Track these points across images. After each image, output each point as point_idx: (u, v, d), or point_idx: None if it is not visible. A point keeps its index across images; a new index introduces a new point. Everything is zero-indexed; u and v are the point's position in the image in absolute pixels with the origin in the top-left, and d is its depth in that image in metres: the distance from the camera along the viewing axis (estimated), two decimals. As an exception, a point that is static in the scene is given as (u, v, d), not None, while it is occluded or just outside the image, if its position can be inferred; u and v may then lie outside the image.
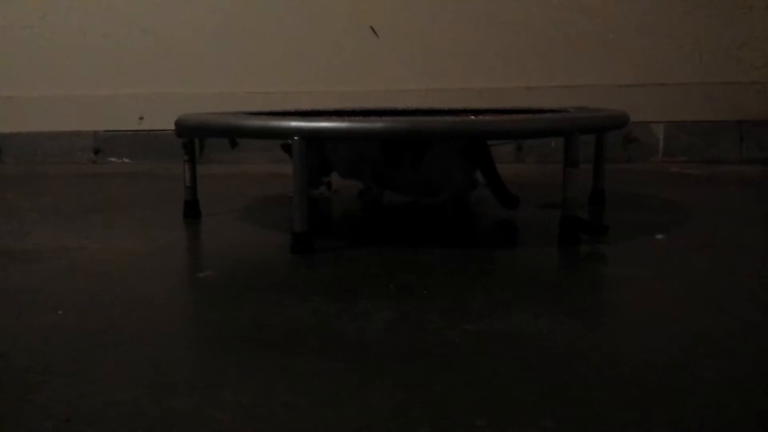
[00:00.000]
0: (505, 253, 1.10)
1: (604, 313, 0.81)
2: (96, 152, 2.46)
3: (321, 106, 1.91)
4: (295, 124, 1.08)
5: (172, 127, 1.37)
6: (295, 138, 1.07)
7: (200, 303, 0.86)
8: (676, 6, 2.27)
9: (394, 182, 1.47)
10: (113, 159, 2.46)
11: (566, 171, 1.11)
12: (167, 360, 0.68)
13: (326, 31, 2.39)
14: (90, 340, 0.73)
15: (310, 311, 0.81)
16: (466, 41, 2.34)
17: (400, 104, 2.10)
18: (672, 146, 2.31)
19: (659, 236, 1.19)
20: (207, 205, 1.44)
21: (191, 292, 0.90)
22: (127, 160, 2.45)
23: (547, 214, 1.40)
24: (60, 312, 0.82)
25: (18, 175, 2.17)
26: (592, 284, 0.93)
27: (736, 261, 1.02)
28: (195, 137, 1.33)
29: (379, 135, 1.04)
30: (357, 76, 2.39)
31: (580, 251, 1.09)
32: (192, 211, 1.40)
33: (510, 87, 2.33)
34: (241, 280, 0.96)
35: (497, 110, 1.49)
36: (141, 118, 2.45)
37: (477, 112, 1.48)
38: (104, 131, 2.46)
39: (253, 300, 0.87)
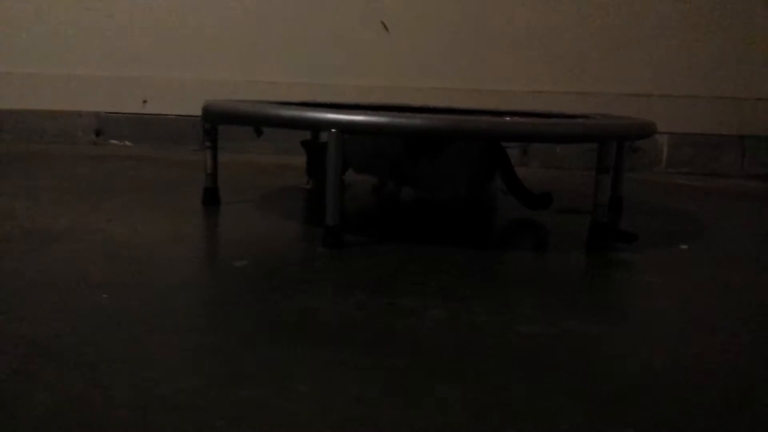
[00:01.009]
0: (535, 257, 1.11)
1: (651, 320, 0.82)
2: (97, 133, 2.43)
3: (325, 98, 1.90)
4: (333, 116, 1.07)
5: (176, 111, 1.36)
6: (332, 130, 1.06)
7: (244, 293, 0.85)
8: (685, 21, 2.29)
9: (412, 178, 1.47)
10: (114, 141, 2.42)
11: (598, 177, 1.12)
12: (224, 349, 0.67)
13: (335, 24, 2.38)
14: (140, 325, 0.72)
15: (357, 306, 0.81)
16: (477, 42, 2.35)
17: (408, 101, 2.10)
18: (675, 157, 2.34)
19: (683, 246, 1.20)
20: (222, 194, 1.43)
21: (231, 282, 0.89)
22: (128, 143, 2.42)
23: (567, 219, 1.41)
24: (105, 295, 0.80)
25: (20, 153, 2.13)
26: (632, 291, 0.94)
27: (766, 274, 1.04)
28: (224, 124, 1.31)
29: (420, 132, 1.04)
30: (365, 70, 2.38)
31: (611, 258, 1.10)
32: (212, 198, 1.39)
33: (518, 90, 2.33)
34: (279, 272, 0.95)
35: (521, 113, 1.50)
36: (145, 101, 2.42)
37: (498, 113, 1.49)
38: (106, 113, 2.43)
39: (297, 292, 0.86)
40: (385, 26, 2.38)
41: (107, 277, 0.88)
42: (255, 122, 1.16)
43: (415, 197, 1.55)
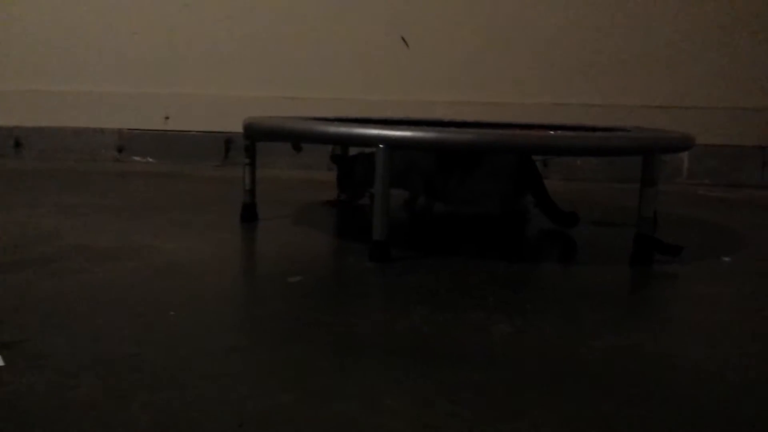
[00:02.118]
0: (584, 270, 1.11)
1: (717, 333, 0.82)
2: (120, 150, 2.44)
3: (348, 113, 1.91)
4: (381, 132, 1.08)
5: (198, 127, 1.36)
6: (381, 146, 1.07)
7: (308, 308, 0.85)
8: (705, 32, 2.31)
9: (444, 193, 1.48)
10: (137, 158, 2.43)
11: (643, 190, 1.12)
12: (305, 364, 0.67)
13: (357, 40, 2.39)
14: (214, 342, 0.73)
15: (422, 320, 0.81)
16: (495, 56, 2.36)
17: (431, 115, 2.11)
18: (696, 169, 2.34)
19: (726, 259, 1.20)
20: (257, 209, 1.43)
21: (292, 297, 0.90)
22: (151, 160, 2.43)
23: (604, 232, 1.41)
24: (172, 312, 0.81)
25: (45, 171, 2.14)
26: (688, 304, 0.94)
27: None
28: (266, 141, 1.32)
29: (468, 147, 1.05)
30: (386, 85, 2.40)
31: (658, 271, 1.10)
32: (250, 214, 1.40)
33: (537, 103, 2.35)
34: (335, 287, 0.96)
35: (554, 126, 1.51)
36: (167, 118, 2.43)
37: (529, 126, 1.49)
38: (129, 129, 2.44)
39: (359, 306, 0.87)
40: (405, 42, 2.40)
41: (169, 295, 0.88)
42: (301, 139, 1.17)
43: (446, 211, 1.56)
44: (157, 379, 0.63)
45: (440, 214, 1.54)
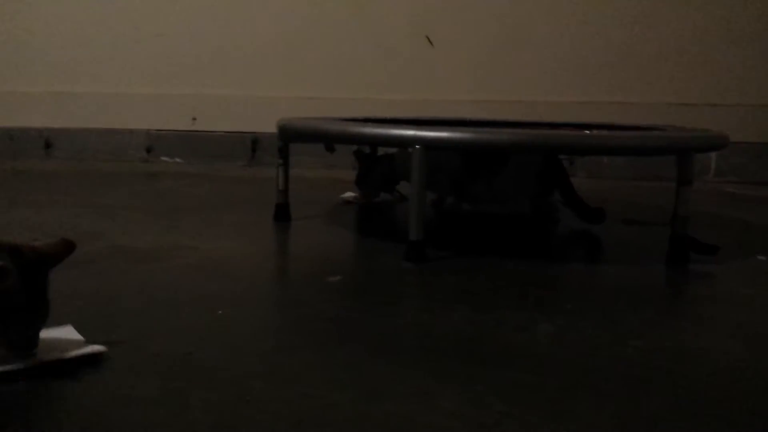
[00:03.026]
0: (620, 269, 1.11)
1: (761, 333, 0.82)
2: (148, 150, 2.46)
3: (373, 113, 1.91)
4: (416, 133, 1.09)
5: (224, 128, 1.38)
6: (417, 147, 1.08)
7: (352, 308, 0.86)
8: (730, 30, 2.29)
9: (471, 193, 1.48)
10: (165, 158, 2.46)
11: (679, 189, 1.12)
12: (356, 363, 0.68)
13: (382, 39, 2.40)
14: (263, 341, 0.74)
15: (465, 320, 0.82)
16: (521, 53, 2.36)
17: (455, 114, 2.11)
18: (723, 167, 2.33)
19: (761, 257, 1.20)
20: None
21: (334, 297, 0.91)
22: (179, 160, 2.45)
23: (636, 231, 1.41)
24: (220, 311, 0.82)
25: (76, 171, 2.17)
26: (728, 303, 0.94)
27: None
28: (300, 142, 1.34)
29: (504, 147, 1.05)
30: (411, 84, 2.41)
31: (694, 270, 1.10)
32: (283, 214, 1.41)
33: (563, 101, 2.34)
34: (374, 287, 0.97)
35: (582, 125, 1.51)
36: (194, 119, 2.46)
37: (557, 125, 1.49)
38: (156, 130, 2.46)
39: (401, 307, 0.88)
40: (429, 41, 2.41)
41: (216, 294, 0.90)
42: (336, 140, 1.18)
43: (476, 210, 1.56)
44: (213, 377, 0.64)
45: (471, 213, 1.55)
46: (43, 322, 0.65)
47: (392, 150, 1.55)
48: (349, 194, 1.68)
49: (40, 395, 0.60)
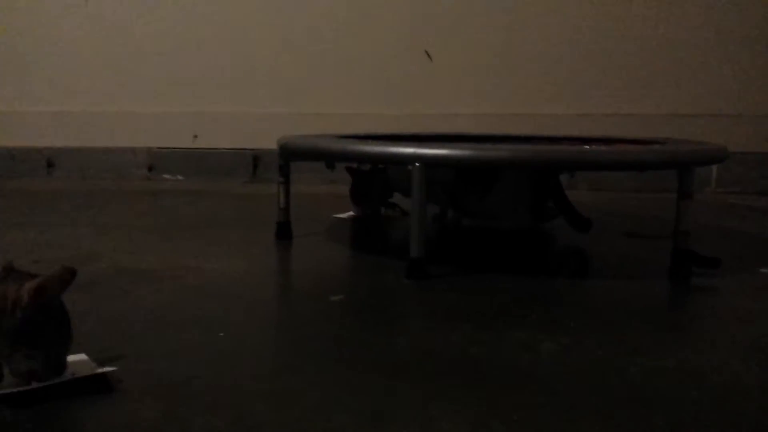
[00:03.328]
0: (622, 285, 1.11)
1: (763, 348, 0.82)
2: (150, 169, 2.47)
3: (373, 129, 1.91)
4: (416, 150, 1.09)
5: (225, 145, 1.38)
6: (416, 164, 1.08)
7: (353, 328, 0.86)
8: (732, 40, 2.30)
9: (467, 207, 1.48)
10: (167, 176, 2.46)
11: (680, 203, 1.12)
12: (356, 385, 0.68)
13: (380, 54, 2.41)
14: (265, 363, 0.74)
15: (467, 340, 0.82)
16: (519, 67, 2.37)
17: (454, 128, 2.12)
18: (724, 177, 2.33)
19: (764, 270, 1.20)
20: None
21: (336, 317, 0.91)
22: (180, 178, 2.46)
23: (638, 244, 1.41)
24: (221, 333, 0.82)
25: (78, 190, 2.18)
26: (731, 318, 0.94)
27: None
28: (301, 160, 1.34)
29: (504, 164, 1.05)
30: (410, 99, 2.41)
31: (696, 284, 1.10)
32: (285, 232, 1.41)
33: (563, 114, 2.35)
34: (376, 306, 0.97)
35: (580, 138, 1.51)
36: (195, 136, 2.46)
37: (558, 139, 1.50)
38: (158, 148, 2.47)
39: (403, 326, 0.87)
40: (428, 55, 2.41)
41: (215, 316, 0.90)
42: (336, 159, 1.18)
43: (478, 225, 1.56)
44: (214, 401, 0.64)
45: (472, 229, 1.54)
46: (70, 345, 0.66)
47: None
48: (344, 214, 1.68)
49: (42, 421, 0.59)
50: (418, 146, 1.09)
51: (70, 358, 0.67)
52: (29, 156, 2.49)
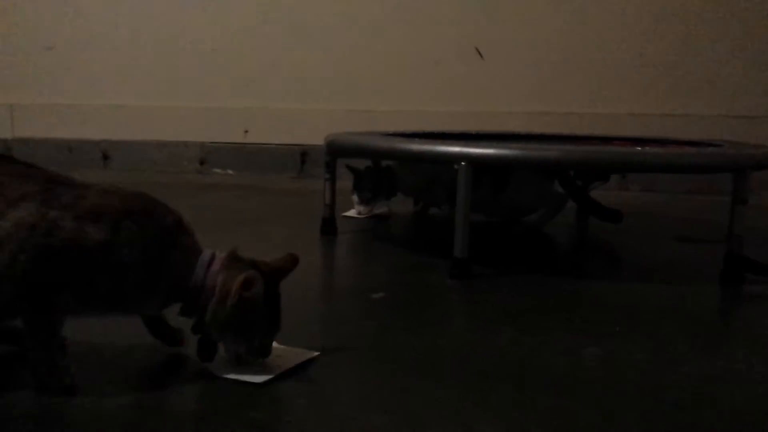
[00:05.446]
0: (671, 289, 1.08)
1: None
2: (201, 162, 2.52)
3: (423, 126, 1.90)
4: (462, 150, 1.08)
5: (275, 140, 1.38)
6: (462, 164, 1.08)
7: (394, 327, 0.87)
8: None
9: (473, 205, 1.45)
10: (217, 170, 2.51)
11: (734, 207, 1.09)
12: (397, 384, 0.68)
13: (432, 51, 2.40)
14: (308, 360, 0.75)
15: (510, 342, 0.81)
16: (571, 66, 2.33)
17: (505, 127, 2.09)
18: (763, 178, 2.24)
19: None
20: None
21: (378, 314, 0.91)
22: (230, 172, 2.50)
23: (689, 248, 1.37)
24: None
25: (131, 183, 2.23)
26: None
27: None
28: (348, 157, 1.35)
29: (554, 165, 1.04)
30: (461, 97, 2.40)
31: (747, 291, 1.07)
32: (330, 228, 1.42)
33: (613, 113, 2.30)
34: (417, 304, 0.97)
35: (633, 139, 1.48)
36: (246, 131, 2.50)
37: (608, 139, 1.47)
38: (210, 142, 2.52)
39: (444, 326, 0.87)
40: (479, 53, 2.40)
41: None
42: (383, 157, 1.18)
43: (509, 223, 1.54)
44: (256, 397, 0.65)
45: (514, 229, 1.53)
46: (277, 331, 0.70)
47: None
48: (351, 211, 1.64)
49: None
50: (465, 145, 1.09)
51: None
52: (86, 148, 2.57)
